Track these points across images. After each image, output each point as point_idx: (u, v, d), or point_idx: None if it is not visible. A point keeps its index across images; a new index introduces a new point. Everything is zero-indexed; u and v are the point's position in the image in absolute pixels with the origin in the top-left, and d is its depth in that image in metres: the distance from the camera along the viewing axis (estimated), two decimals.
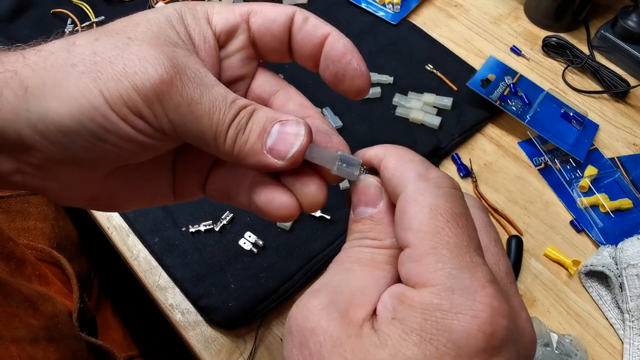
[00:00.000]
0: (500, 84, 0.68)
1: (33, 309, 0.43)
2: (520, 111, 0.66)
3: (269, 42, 0.30)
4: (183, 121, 0.26)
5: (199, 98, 0.26)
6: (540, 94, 0.69)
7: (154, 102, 0.25)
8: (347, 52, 0.29)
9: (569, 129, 0.66)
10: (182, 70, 0.26)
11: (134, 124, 0.26)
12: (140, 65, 0.25)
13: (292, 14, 0.30)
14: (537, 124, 0.65)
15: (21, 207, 0.59)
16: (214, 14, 0.30)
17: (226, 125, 0.27)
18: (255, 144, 0.27)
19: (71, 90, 0.25)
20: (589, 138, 0.66)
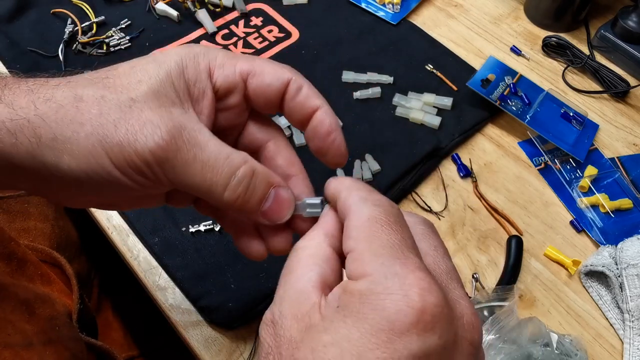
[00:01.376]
0: (500, 84, 0.68)
1: (29, 313, 0.42)
2: (520, 111, 0.66)
3: (262, 102, 0.34)
4: (179, 178, 0.30)
5: (192, 160, 0.29)
6: (540, 94, 0.69)
7: (153, 165, 0.29)
8: (332, 131, 0.33)
9: (569, 129, 0.66)
10: (177, 135, 0.29)
11: (135, 179, 0.29)
12: (141, 133, 0.28)
13: (287, 81, 0.34)
14: (537, 124, 0.65)
15: (21, 208, 0.59)
16: (216, 68, 0.32)
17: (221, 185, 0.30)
18: (254, 205, 0.32)
19: (81, 149, 0.28)
20: (589, 138, 0.66)
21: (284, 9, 0.76)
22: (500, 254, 0.57)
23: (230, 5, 0.75)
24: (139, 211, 0.56)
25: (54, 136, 0.28)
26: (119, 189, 0.30)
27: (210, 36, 0.72)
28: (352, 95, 0.67)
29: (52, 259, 0.55)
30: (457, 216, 0.60)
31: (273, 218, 0.33)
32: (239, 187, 0.30)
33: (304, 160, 0.61)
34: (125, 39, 0.70)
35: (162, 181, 0.30)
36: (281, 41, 0.73)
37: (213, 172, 0.30)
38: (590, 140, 0.66)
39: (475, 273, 0.55)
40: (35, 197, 0.61)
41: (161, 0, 0.74)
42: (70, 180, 0.29)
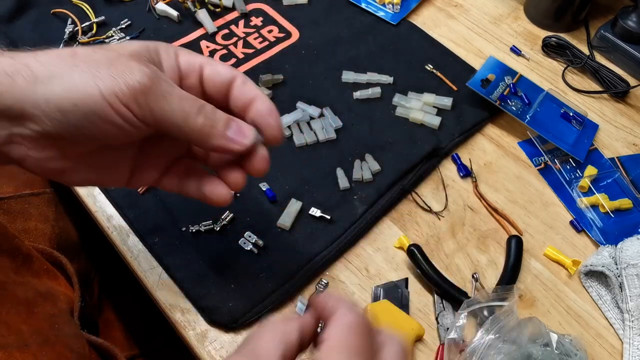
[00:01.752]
0: (500, 84, 0.68)
1: (27, 313, 0.43)
2: (520, 111, 0.66)
3: (212, 88, 0.40)
4: (160, 108, 0.35)
5: (171, 91, 0.35)
6: (540, 94, 0.69)
7: (139, 96, 0.34)
8: (272, 111, 0.40)
9: (569, 129, 0.66)
10: (159, 76, 0.35)
11: (120, 111, 0.34)
12: (129, 72, 0.34)
13: (236, 75, 0.40)
14: (537, 124, 0.65)
15: (22, 208, 0.59)
16: (180, 55, 0.40)
17: (194, 110, 0.36)
18: (220, 129, 0.37)
19: (74, 82, 0.33)
20: (589, 138, 0.66)
21: (284, 9, 0.76)
22: (500, 254, 0.57)
23: (230, 5, 0.75)
24: (139, 211, 0.56)
25: (50, 74, 0.33)
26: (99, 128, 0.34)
27: (210, 36, 0.72)
28: (352, 95, 0.67)
29: (53, 258, 0.55)
30: (457, 216, 0.60)
31: (238, 140, 0.38)
32: (208, 114, 0.37)
33: (301, 160, 0.62)
34: (126, 39, 0.70)
35: (144, 115, 0.34)
36: (281, 41, 0.73)
37: (188, 103, 0.36)
38: (590, 140, 0.66)
39: (475, 273, 0.55)
40: (35, 198, 0.61)
41: (161, 0, 0.74)
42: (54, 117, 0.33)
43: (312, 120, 0.64)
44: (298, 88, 0.68)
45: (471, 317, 0.52)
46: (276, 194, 0.58)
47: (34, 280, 0.47)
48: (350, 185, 0.60)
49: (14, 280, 0.44)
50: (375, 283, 0.54)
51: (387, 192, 0.59)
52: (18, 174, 0.62)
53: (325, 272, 0.55)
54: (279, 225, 0.56)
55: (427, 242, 0.58)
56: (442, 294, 0.53)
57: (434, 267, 0.54)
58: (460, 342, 0.49)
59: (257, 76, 0.67)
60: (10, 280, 0.43)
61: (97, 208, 0.57)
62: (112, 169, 0.41)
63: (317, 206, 0.57)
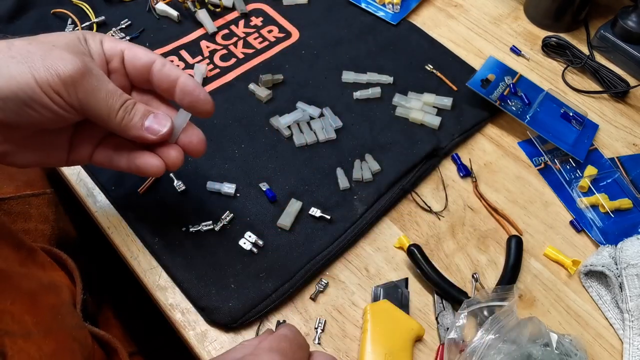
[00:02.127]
0: (500, 84, 0.68)
1: (31, 303, 0.43)
2: (520, 111, 0.66)
3: (133, 71, 0.45)
4: (88, 101, 0.40)
5: (99, 87, 0.40)
6: (540, 94, 0.69)
7: (69, 85, 0.38)
8: (196, 88, 0.44)
9: (569, 129, 0.66)
10: (89, 68, 0.40)
11: (53, 98, 0.38)
12: (62, 62, 0.38)
13: (155, 58, 0.45)
14: (537, 124, 0.65)
15: (22, 209, 0.59)
16: (105, 41, 0.44)
17: (117, 107, 0.41)
18: (137, 122, 0.43)
19: (11, 72, 0.37)
20: (589, 138, 0.66)
21: (284, 9, 0.76)
22: (500, 253, 0.57)
23: (230, 5, 0.75)
24: (139, 211, 0.56)
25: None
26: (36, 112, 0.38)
27: (210, 36, 0.72)
28: (352, 95, 0.67)
29: (53, 254, 0.55)
30: (457, 216, 0.60)
31: (154, 130, 0.43)
32: (128, 108, 0.42)
33: (301, 160, 0.62)
34: (126, 39, 0.70)
35: (73, 102, 0.39)
36: (281, 41, 0.73)
37: (113, 98, 0.41)
38: (590, 140, 0.66)
39: (475, 273, 0.55)
40: (36, 199, 0.61)
41: (161, 1, 0.74)
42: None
43: (312, 120, 0.65)
44: (298, 88, 0.68)
45: (471, 317, 0.52)
46: (276, 194, 0.58)
47: (39, 272, 0.48)
48: (350, 185, 0.60)
49: (19, 272, 0.45)
50: (375, 283, 0.54)
51: (387, 192, 0.59)
52: (18, 174, 0.62)
53: (325, 272, 0.55)
54: (279, 225, 0.56)
55: (427, 242, 0.58)
56: (442, 294, 0.53)
57: (434, 267, 0.54)
58: (460, 342, 0.49)
59: (257, 76, 0.67)
60: (15, 272, 0.44)
61: (97, 208, 0.57)
62: (51, 150, 0.45)
63: (317, 206, 0.57)
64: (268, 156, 0.61)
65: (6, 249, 0.46)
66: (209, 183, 0.58)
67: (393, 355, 0.48)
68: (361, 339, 0.50)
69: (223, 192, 0.58)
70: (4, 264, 0.44)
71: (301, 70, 0.70)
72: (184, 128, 0.46)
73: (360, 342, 0.51)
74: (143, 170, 0.45)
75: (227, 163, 0.61)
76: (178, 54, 0.70)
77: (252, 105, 0.66)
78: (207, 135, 0.62)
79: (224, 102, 0.66)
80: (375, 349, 0.48)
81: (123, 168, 0.46)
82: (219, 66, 0.69)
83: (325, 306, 0.53)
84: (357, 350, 0.51)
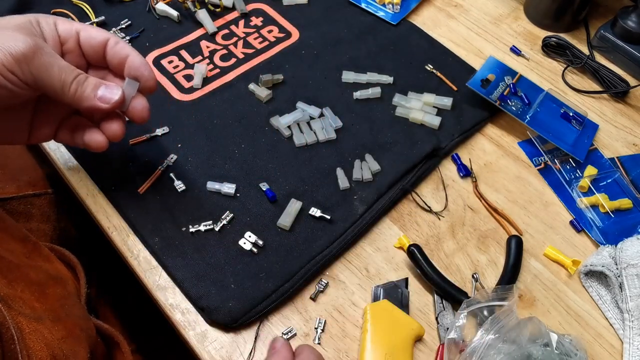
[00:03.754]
0: (500, 84, 0.68)
1: (39, 292, 0.44)
2: (520, 111, 0.66)
3: (89, 49, 0.48)
4: (41, 77, 0.43)
5: (52, 62, 0.43)
6: (540, 94, 0.69)
7: (22, 63, 0.41)
8: (142, 64, 0.48)
9: (569, 129, 0.66)
10: (41, 46, 0.42)
11: (7, 76, 0.41)
12: (14, 42, 0.41)
13: (109, 37, 0.48)
14: (537, 124, 0.65)
15: (24, 209, 0.59)
16: (59, 24, 0.47)
17: (70, 80, 0.44)
18: (90, 93, 0.46)
19: None
20: (589, 138, 0.66)
21: (284, 9, 0.76)
22: (500, 253, 0.57)
23: (230, 5, 0.75)
24: (139, 211, 0.56)
25: None
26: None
27: (210, 36, 0.72)
28: (352, 95, 0.67)
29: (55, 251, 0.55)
30: (457, 216, 0.60)
31: (107, 99, 0.46)
32: (80, 81, 0.45)
33: (301, 160, 0.62)
34: (126, 39, 0.70)
35: (27, 79, 0.42)
36: (281, 41, 0.73)
37: (66, 73, 0.44)
38: (590, 140, 0.66)
39: (475, 273, 0.55)
40: (37, 199, 0.61)
41: (161, 1, 0.74)
42: None
43: (312, 120, 0.65)
44: (298, 88, 0.68)
45: (471, 317, 0.52)
46: (276, 194, 0.58)
47: (45, 264, 0.49)
48: (350, 185, 0.60)
49: (27, 264, 0.45)
50: (375, 283, 0.54)
51: (387, 192, 0.59)
52: (20, 174, 0.62)
53: (325, 272, 0.55)
54: (279, 225, 0.56)
55: (427, 242, 0.58)
56: (442, 294, 0.53)
57: (434, 267, 0.54)
58: (460, 342, 0.49)
59: (257, 76, 0.67)
60: (23, 263, 0.45)
61: (97, 208, 0.57)
62: (12, 128, 0.48)
63: (317, 206, 0.57)
64: (268, 156, 0.61)
65: (12, 242, 0.46)
66: (209, 183, 0.58)
67: (393, 355, 0.48)
68: (361, 339, 0.50)
69: (223, 192, 0.58)
70: (12, 256, 0.44)
71: (301, 70, 0.70)
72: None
73: (360, 342, 0.51)
74: (89, 146, 0.49)
75: (227, 163, 0.61)
76: (178, 54, 0.70)
77: (252, 105, 0.66)
78: (207, 135, 0.63)
79: (224, 102, 0.66)
80: (375, 349, 0.48)
81: (79, 145, 0.50)
82: (219, 66, 0.69)
83: (325, 306, 0.53)
84: (357, 350, 0.51)
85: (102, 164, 0.59)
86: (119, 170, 0.59)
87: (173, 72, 0.68)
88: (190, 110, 0.65)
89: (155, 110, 0.64)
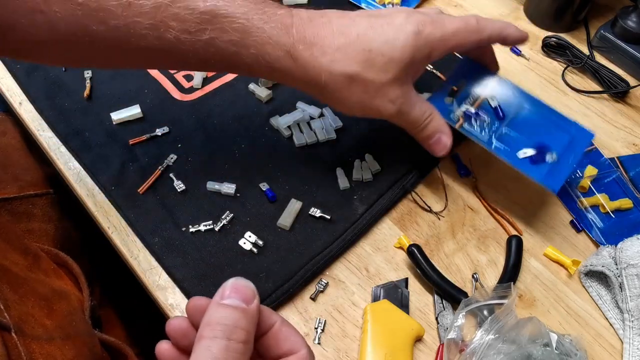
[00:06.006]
0: (470, 91, 0.58)
1: (48, 309, 0.43)
2: (487, 131, 0.56)
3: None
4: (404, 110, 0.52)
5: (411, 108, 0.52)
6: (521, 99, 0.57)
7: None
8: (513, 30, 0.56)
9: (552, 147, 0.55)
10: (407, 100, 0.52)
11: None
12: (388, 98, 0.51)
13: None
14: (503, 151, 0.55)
15: (26, 209, 0.59)
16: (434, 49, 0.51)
17: (421, 126, 0.53)
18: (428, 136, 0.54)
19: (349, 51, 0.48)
20: (576, 156, 0.55)
21: None
22: (500, 253, 0.57)
23: None
24: (139, 211, 0.56)
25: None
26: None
27: None
28: None
29: (59, 259, 0.55)
30: (457, 216, 0.60)
31: (436, 150, 0.55)
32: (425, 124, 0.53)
33: (301, 160, 0.62)
34: None
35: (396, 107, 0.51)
36: None
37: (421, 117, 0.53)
38: (576, 159, 0.55)
39: (475, 273, 0.55)
40: (39, 199, 0.61)
41: None
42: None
43: (312, 120, 0.65)
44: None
45: (471, 317, 0.52)
46: (276, 194, 0.58)
47: (46, 279, 0.48)
48: (350, 185, 0.60)
49: (31, 277, 0.45)
50: (375, 283, 0.54)
51: (387, 192, 0.59)
52: (22, 175, 0.63)
53: (325, 272, 0.55)
54: (279, 225, 0.56)
55: (427, 242, 0.58)
56: (442, 294, 0.53)
57: (434, 267, 0.54)
58: (459, 342, 0.49)
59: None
60: (28, 277, 0.44)
61: (97, 208, 0.57)
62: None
63: (317, 206, 0.58)
64: (268, 156, 0.61)
65: (14, 253, 0.46)
66: (209, 183, 0.58)
67: (393, 355, 0.48)
68: (361, 339, 0.50)
69: (223, 192, 0.58)
70: (16, 269, 0.44)
71: None
72: None
73: (360, 342, 0.51)
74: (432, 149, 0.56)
75: (227, 163, 0.61)
76: None
77: (252, 105, 0.66)
78: (207, 135, 0.63)
79: (224, 102, 0.66)
80: (375, 349, 0.48)
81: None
82: None
83: (325, 306, 0.53)
84: (357, 350, 0.51)
85: (102, 164, 0.59)
86: (119, 170, 0.59)
87: (173, 72, 0.68)
88: (190, 110, 0.65)
89: (155, 110, 0.64)
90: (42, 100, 0.64)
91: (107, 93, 0.66)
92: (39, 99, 0.65)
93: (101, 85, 0.66)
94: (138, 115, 0.63)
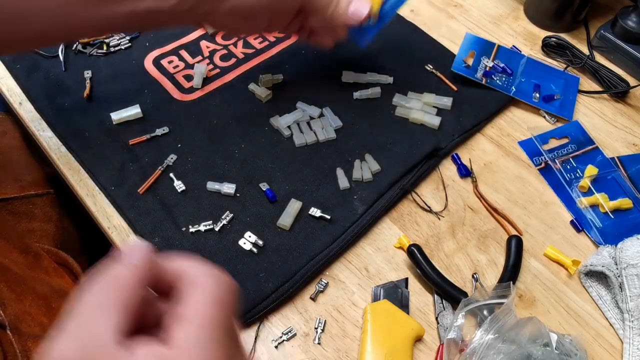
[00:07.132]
0: (481, 59, 0.72)
1: (46, 307, 0.43)
2: (505, 84, 0.70)
3: None
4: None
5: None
6: (521, 61, 0.72)
7: None
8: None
9: (553, 90, 0.71)
10: None
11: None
12: None
13: None
14: (522, 94, 0.69)
15: (26, 209, 0.59)
16: None
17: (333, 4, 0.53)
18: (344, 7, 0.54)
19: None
20: (573, 93, 0.71)
21: None
22: (500, 253, 0.57)
23: None
24: (139, 211, 0.56)
25: None
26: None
27: (210, 36, 0.72)
28: (352, 95, 0.67)
29: (59, 258, 0.55)
30: (457, 216, 0.60)
31: (357, 14, 0.54)
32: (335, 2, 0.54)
33: (301, 160, 0.62)
34: (126, 39, 0.70)
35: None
36: (281, 41, 0.73)
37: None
38: (574, 95, 0.70)
39: (475, 273, 0.55)
40: (40, 199, 0.61)
41: None
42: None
43: (312, 120, 0.65)
44: (298, 88, 0.68)
45: (471, 317, 0.52)
46: (276, 194, 0.58)
47: (47, 277, 0.48)
48: (350, 185, 0.60)
49: (30, 275, 0.45)
50: (375, 283, 0.54)
51: (387, 192, 0.59)
52: (22, 175, 0.62)
53: (325, 272, 0.55)
54: (279, 225, 0.56)
55: (427, 242, 0.58)
56: (442, 294, 0.53)
57: (434, 267, 0.54)
58: (459, 342, 0.49)
59: (257, 76, 0.67)
60: (27, 275, 0.44)
61: (97, 208, 0.57)
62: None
63: (317, 206, 0.58)
64: (268, 156, 0.61)
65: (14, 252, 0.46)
66: (209, 183, 0.58)
67: (393, 355, 0.48)
68: (361, 339, 0.50)
69: (223, 192, 0.58)
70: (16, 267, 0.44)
71: (301, 70, 0.70)
72: None
73: (360, 342, 0.51)
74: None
75: (227, 163, 0.61)
76: (178, 54, 0.70)
77: (252, 105, 0.66)
78: (207, 135, 0.63)
79: (224, 102, 0.66)
80: (375, 349, 0.48)
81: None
82: (219, 66, 0.69)
83: (325, 306, 0.53)
84: (357, 350, 0.51)
85: (102, 164, 0.59)
86: (119, 170, 0.59)
87: (173, 72, 0.68)
88: (190, 110, 0.65)
89: (155, 110, 0.64)
90: (42, 100, 0.64)
91: (107, 93, 0.66)
92: (39, 99, 0.65)
93: (101, 85, 0.66)
94: (138, 115, 0.63)
